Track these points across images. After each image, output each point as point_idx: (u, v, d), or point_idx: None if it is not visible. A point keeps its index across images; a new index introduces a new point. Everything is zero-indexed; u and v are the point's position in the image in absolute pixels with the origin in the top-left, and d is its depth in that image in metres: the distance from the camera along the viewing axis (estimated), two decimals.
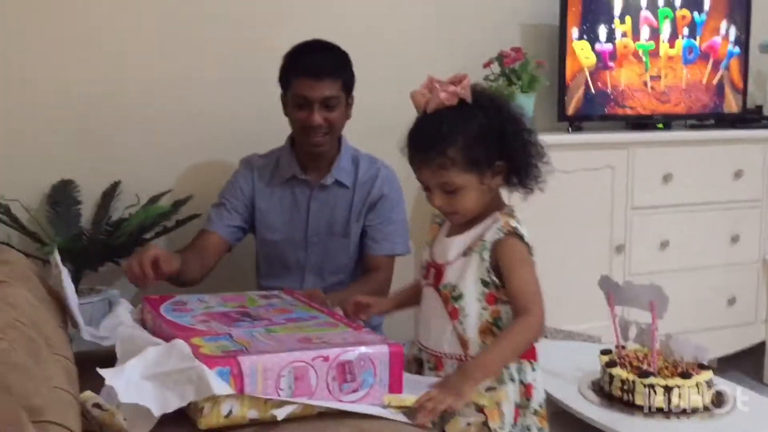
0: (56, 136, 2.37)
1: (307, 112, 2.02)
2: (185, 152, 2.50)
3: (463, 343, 1.54)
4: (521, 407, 1.55)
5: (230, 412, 1.27)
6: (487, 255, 1.51)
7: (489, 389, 1.50)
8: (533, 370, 1.57)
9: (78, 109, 2.38)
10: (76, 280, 2.20)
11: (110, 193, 2.37)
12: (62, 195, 2.32)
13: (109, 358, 1.61)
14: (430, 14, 2.77)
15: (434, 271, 1.59)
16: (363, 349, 1.38)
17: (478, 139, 1.49)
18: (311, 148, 2.08)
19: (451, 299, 1.55)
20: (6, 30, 2.29)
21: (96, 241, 2.18)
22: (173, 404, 1.25)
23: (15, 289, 1.37)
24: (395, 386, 1.39)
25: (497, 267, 1.52)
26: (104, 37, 2.38)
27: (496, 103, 1.54)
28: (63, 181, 2.35)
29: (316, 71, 2.00)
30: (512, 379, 1.53)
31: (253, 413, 1.29)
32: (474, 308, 1.53)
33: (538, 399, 1.57)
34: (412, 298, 1.72)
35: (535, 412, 1.56)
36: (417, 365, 1.64)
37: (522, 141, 1.53)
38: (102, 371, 1.28)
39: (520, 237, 1.51)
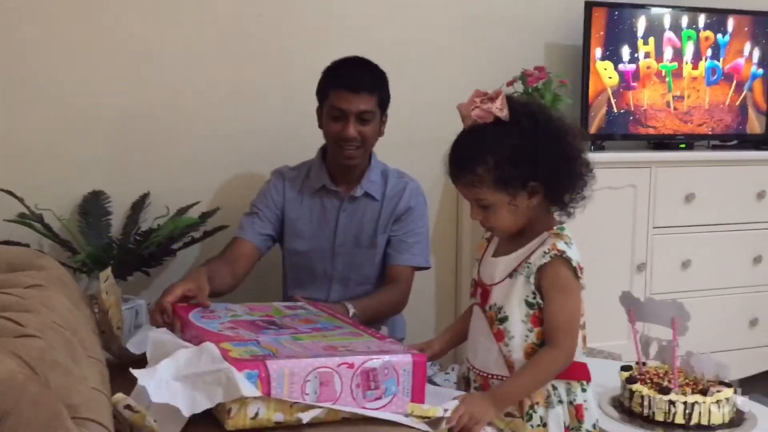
0: (88, 149, 2.43)
1: (342, 124, 2.07)
2: (214, 165, 2.55)
3: (510, 364, 1.53)
4: (572, 429, 1.53)
5: (257, 414, 1.31)
6: (532, 278, 1.50)
7: (507, 415, 1.51)
8: (583, 390, 1.55)
9: (109, 122, 2.44)
10: None
11: (140, 204, 2.42)
12: (93, 205, 2.38)
13: (137, 364, 1.64)
14: (456, 33, 2.82)
15: (481, 291, 1.60)
16: (387, 357, 1.41)
17: (509, 159, 1.46)
18: (343, 160, 2.12)
19: (496, 321, 1.54)
20: (38, 46, 2.35)
21: (125, 250, 2.22)
22: (202, 405, 1.29)
23: (51, 293, 1.41)
24: (418, 395, 1.42)
25: (542, 288, 1.51)
26: (135, 52, 2.44)
27: (535, 119, 1.49)
28: (94, 191, 2.41)
29: (354, 85, 2.05)
30: (560, 401, 1.52)
31: (278, 416, 1.32)
32: (519, 330, 1.52)
33: (590, 420, 1.55)
34: (462, 333, 1.69)
35: None
36: (465, 383, 1.64)
37: (558, 161, 1.48)
38: (134, 372, 1.33)
39: (568, 261, 1.49)
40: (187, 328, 1.58)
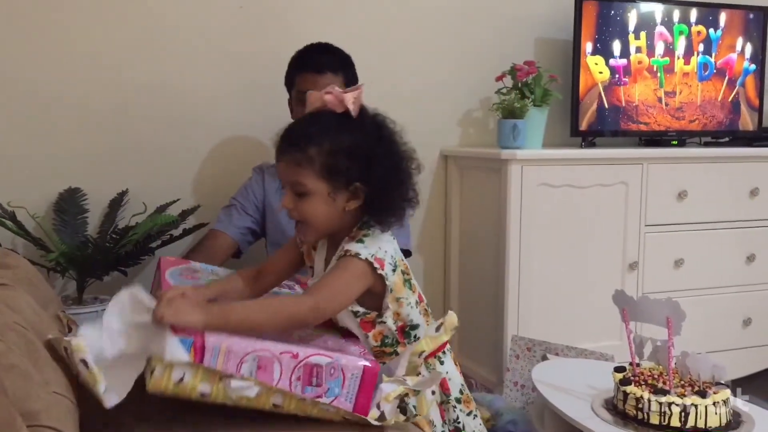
0: (64, 144, 2.35)
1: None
2: (193, 162, 2.48)
3: None
4: (444, 403, 1.55)
5: (182, 379, 1.20)
6: None
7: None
8: (441, 363, 1.56)
9: (86, 117, 2.37)
10: (80, 289, 2.18)
11: (117, 201, 2.35)
12: (69, 203, 2.30)
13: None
14: (445, 27, 2.76)
15: None
16: (337, 356, 1.32)
17: (346, 151, 1.42)
18: None
19: (346, 331, 1.53)
20: (15, 40, 2.28)
21: (101, 249, 2.15)
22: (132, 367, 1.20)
23: (16, 293, 1.34)
24: (362, 404, 1.33)
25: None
26: (113, 46, 2.38)
27: (381, 128, 1.48)
28: (70, 188, 2.34)
29: (317, 66, 2.08)
30: None
31: (204, 387, 1.22)
32: (361, 335, 1.51)
33: (456, 387, 1.57)
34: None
35: (458, 400, 1.57)
36: None
37: (390, 175, 1.46)
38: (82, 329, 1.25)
39: (354, 256, 1.43)
40: (161, 285, 1.49)
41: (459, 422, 1.58)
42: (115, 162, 2.40)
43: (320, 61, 2.10)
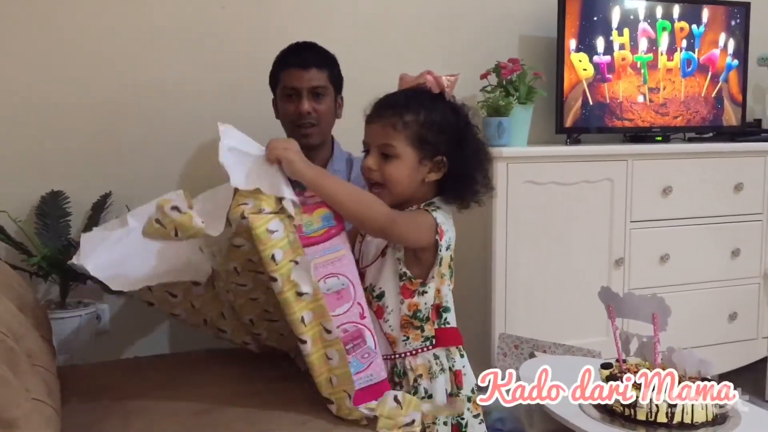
0: (46, 147, 2.33)
1: (296, 103, 2.11)
2: (178, 163, 2.46)
3: (392, 341, 1.57)
4: (453, 395, 1.58)
5: (274, 231, 1.25)
6: (400, 245, 1.54)
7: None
8: (461, 356, 1.62)
9: (68, 118, 2.35)
10: (63, 293, 2.16)
11: (101, 204, 2.32)
12: (51, 206, 2.28)
13: (100, 374, 1.56)
14: (429, 25, 2.75)
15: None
16: (378, 352, 1.40)
17: (437, 125, 1.53)
18: (301, 139, 2.09)
19: (374, 299, 1.56)
20: None
21: None
22: (252, 184, 1.28)
23: None
24: (359, 400, 1.39)
25: (406, 256, 1.54)
26: (94, 47, 2.35)
27: (466, 114, 1.60)
28: (52, 191, 2.31)
29: (302, 62, 2.10)
30: (443, 369, 1.56)
31: (279, 253, 1.26)
32: (394, 303, 1.55)
33: (469, 385, 1.60)
34: None
35: (468, 399, 1.59)
36: None
37: (473, 157, 1.57)
38: (221, 125, 1.38)
39: (428, 211, 1.53)
40: None
41: (464, 419, 1.60)
42: (98, 164, 2.38)
43: (305, 57, 2.12)
